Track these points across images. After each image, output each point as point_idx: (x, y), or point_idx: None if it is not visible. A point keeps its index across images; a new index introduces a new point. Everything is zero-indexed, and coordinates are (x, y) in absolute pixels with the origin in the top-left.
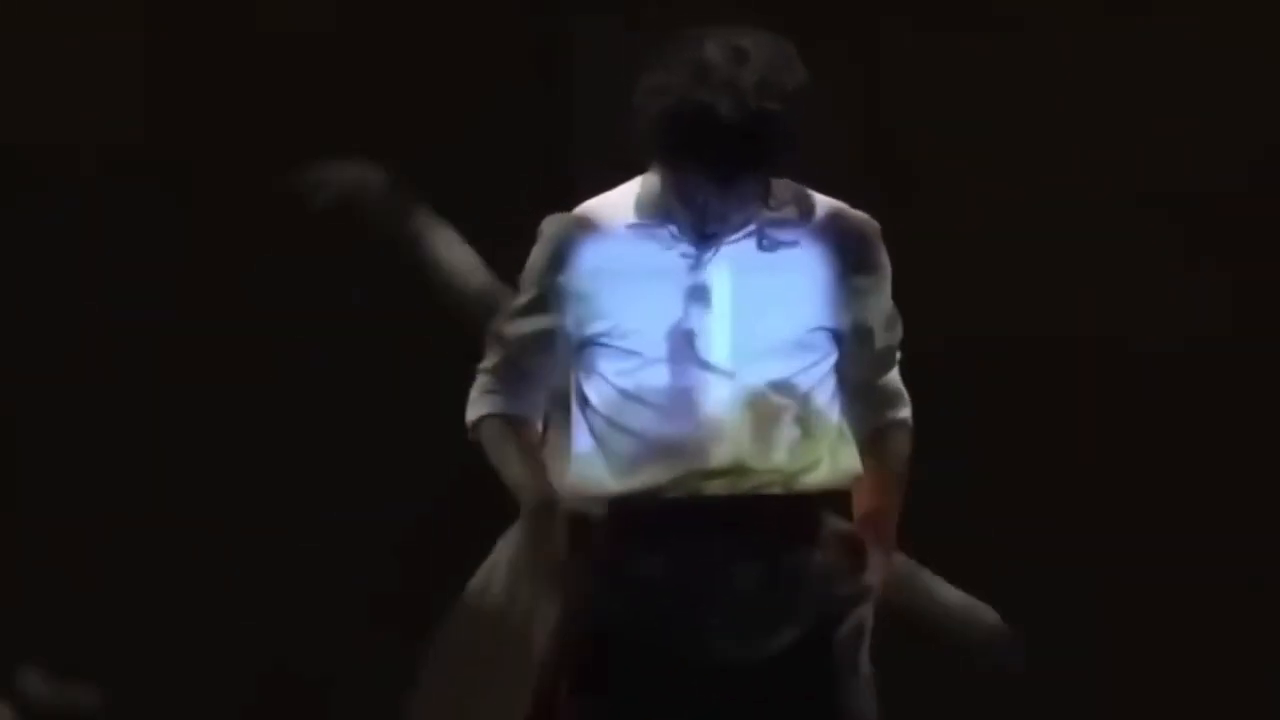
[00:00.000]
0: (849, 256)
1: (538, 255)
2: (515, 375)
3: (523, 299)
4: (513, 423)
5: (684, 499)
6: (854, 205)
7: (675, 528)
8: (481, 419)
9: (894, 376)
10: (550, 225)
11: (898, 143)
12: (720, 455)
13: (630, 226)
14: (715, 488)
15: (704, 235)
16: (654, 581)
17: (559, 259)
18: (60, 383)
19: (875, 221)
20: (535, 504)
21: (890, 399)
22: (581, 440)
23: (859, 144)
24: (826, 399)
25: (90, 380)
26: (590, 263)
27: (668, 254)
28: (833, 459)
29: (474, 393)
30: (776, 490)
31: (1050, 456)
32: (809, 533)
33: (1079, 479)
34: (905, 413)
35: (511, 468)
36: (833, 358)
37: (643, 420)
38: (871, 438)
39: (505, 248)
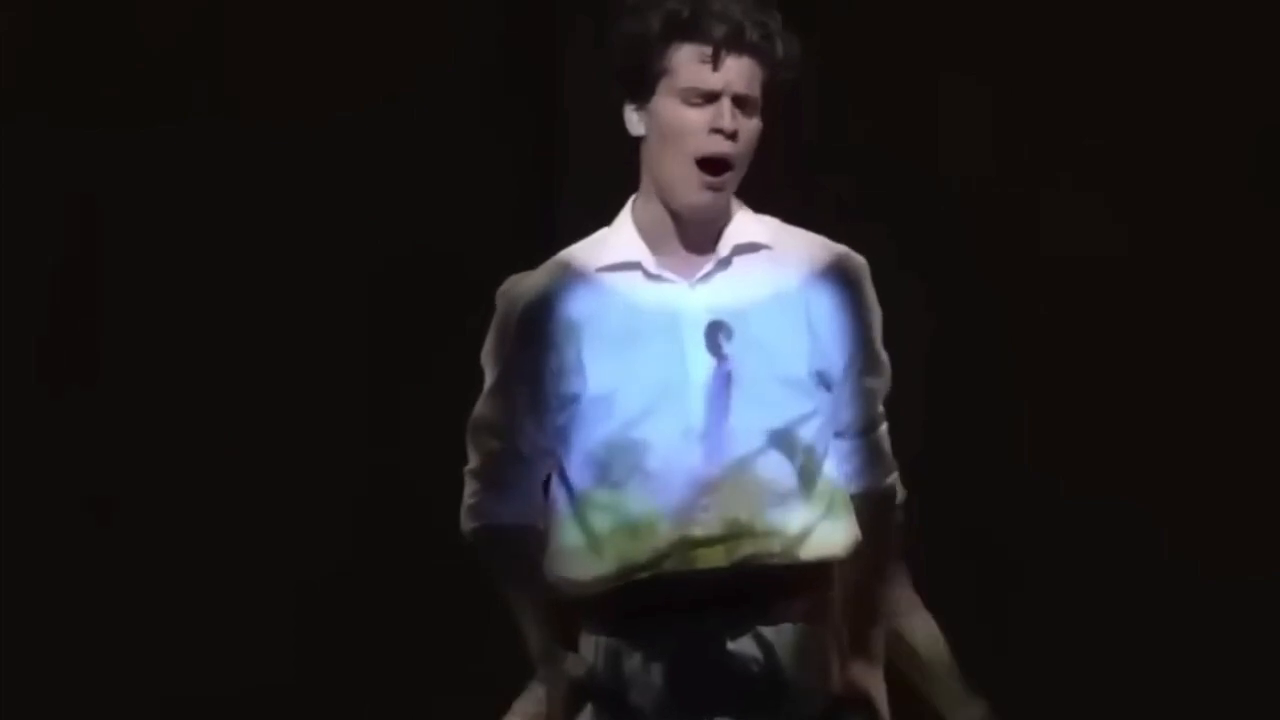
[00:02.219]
0: (836, 292)
1: (502, 320)
2: (504, 474)
3: (493, 375)
4: (508, 536)
5: (672, 578)
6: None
7: (665, 612)
8: (475, 533)
9: (878, 437)
10: (512, 285)
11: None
12: (712, 519)
13: (601, 270)
14: (708, 557)
15: (684, 261)
16: (646, 679)
17: (528, 320)
18: None
19: (862, 257)
20: (540, 659)
21: (873, 461)
22: (561, 512)
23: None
24: (824, 452)
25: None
26: (560, 316)
27: (643, 296)
28: (836, 522)
29: (466, 499)
30: (776, 561)
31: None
32: (813, 609)
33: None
34: (889, 479)
35: (515, 608)
36: (827, 406)
37: (625, 486)
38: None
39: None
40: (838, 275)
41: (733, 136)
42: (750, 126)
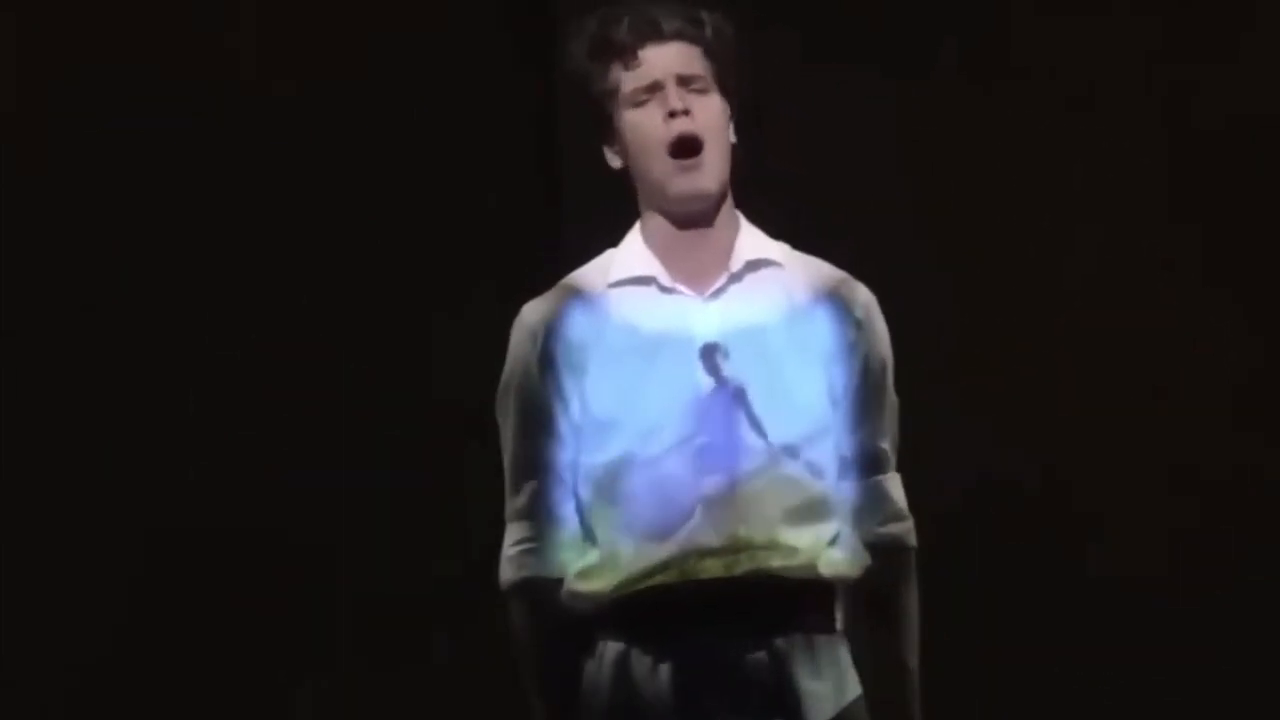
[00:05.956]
0: (842, 318)
1: (518, 350)
2: (553, 506)
3: (518, 408)
4: (551, 591)
5: (680, 587)
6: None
7: (674, 621)
8: (517, 586)
9: (879, 482)
10: (525, 314)
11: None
12: (718, 534)
13: (613, 285)
14: (714, 570)
15: (690, 281)
16: (654, 687)
17: (543, 345)
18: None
19: (872, 294)
20: None
21: (879, 506)
22: (570, 527)
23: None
24: (833, 473)
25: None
26: (574, 337)
27: (656, 311)
28: (843, 544)
29: (509, 548)
30: (781, 574)
31: None
32: (823, 620)
33: None
34: (891, 529)
35: (533, 690)
36: (834, 428)
37: (634, 500)
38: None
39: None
40: (846, 302)
41: (688, 113)
42: (707, 103)
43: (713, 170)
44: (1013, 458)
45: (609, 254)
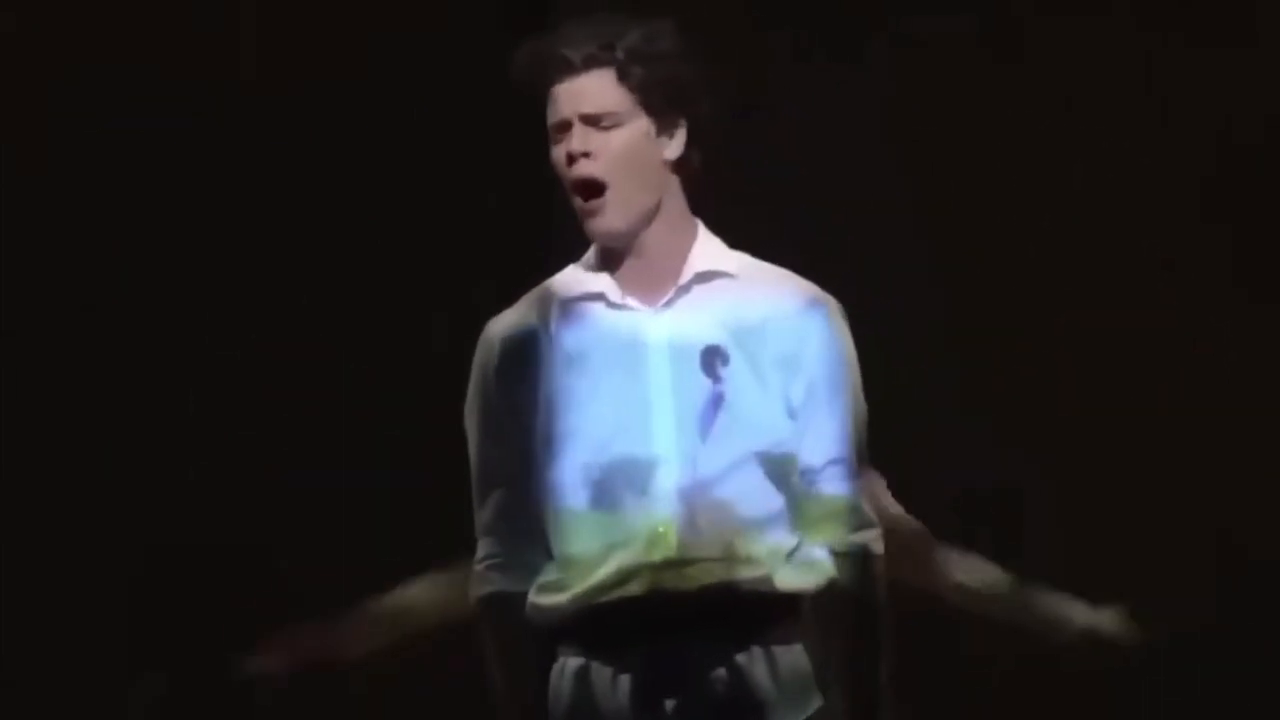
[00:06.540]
0: (801, 327)
1: (482, 361)
2: (519, 519)
3: (483, 421)
4: (519, 605)
5: (642, 600)
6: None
7: (635, 633)
8: (486, 600)
9: (855, 490)
10: (489, 327)
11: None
12: (676, 544)
13: (569, 300)
14: (678, 580)
15: (640, 293)
16: (614, 700)
17: (504, 355)
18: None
19: (833, 298)
20: None
21: (847, 514)
22: (535, 540)
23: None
24: (794, 485)
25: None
26: (534, 348)
27: (609, 324)
28: (807, 558)
29: (476, 563)
30: (744, 588)
31: None
32: (786, 632)
33: None
34: (864, 536)
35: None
36: (791, 439)
37: (595, 511)
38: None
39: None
40: (804, 313)
41: (587, 155)
42: (614, 139)
43: (618, 209)
44: (1012, 458)
45: (574, 265)
